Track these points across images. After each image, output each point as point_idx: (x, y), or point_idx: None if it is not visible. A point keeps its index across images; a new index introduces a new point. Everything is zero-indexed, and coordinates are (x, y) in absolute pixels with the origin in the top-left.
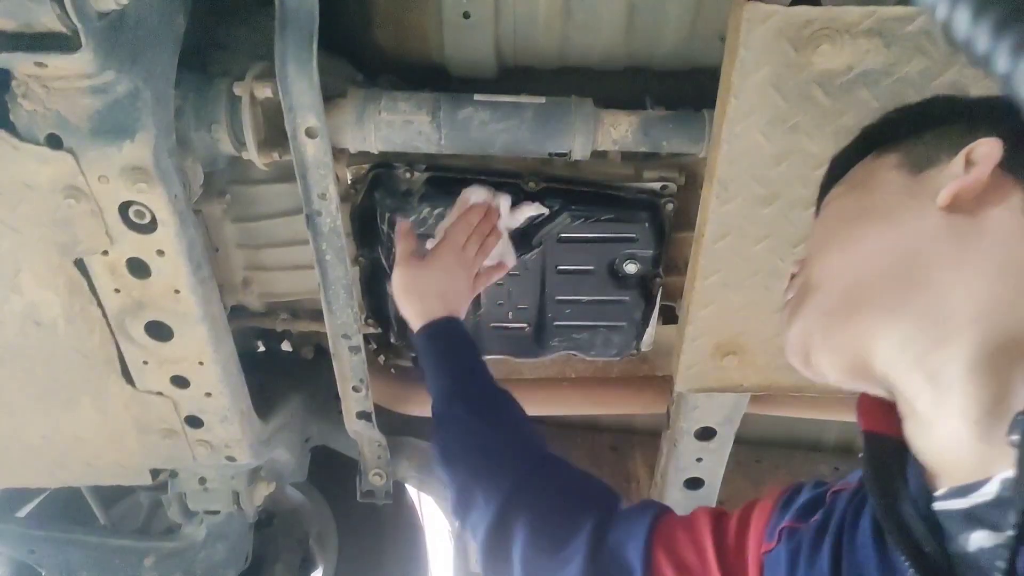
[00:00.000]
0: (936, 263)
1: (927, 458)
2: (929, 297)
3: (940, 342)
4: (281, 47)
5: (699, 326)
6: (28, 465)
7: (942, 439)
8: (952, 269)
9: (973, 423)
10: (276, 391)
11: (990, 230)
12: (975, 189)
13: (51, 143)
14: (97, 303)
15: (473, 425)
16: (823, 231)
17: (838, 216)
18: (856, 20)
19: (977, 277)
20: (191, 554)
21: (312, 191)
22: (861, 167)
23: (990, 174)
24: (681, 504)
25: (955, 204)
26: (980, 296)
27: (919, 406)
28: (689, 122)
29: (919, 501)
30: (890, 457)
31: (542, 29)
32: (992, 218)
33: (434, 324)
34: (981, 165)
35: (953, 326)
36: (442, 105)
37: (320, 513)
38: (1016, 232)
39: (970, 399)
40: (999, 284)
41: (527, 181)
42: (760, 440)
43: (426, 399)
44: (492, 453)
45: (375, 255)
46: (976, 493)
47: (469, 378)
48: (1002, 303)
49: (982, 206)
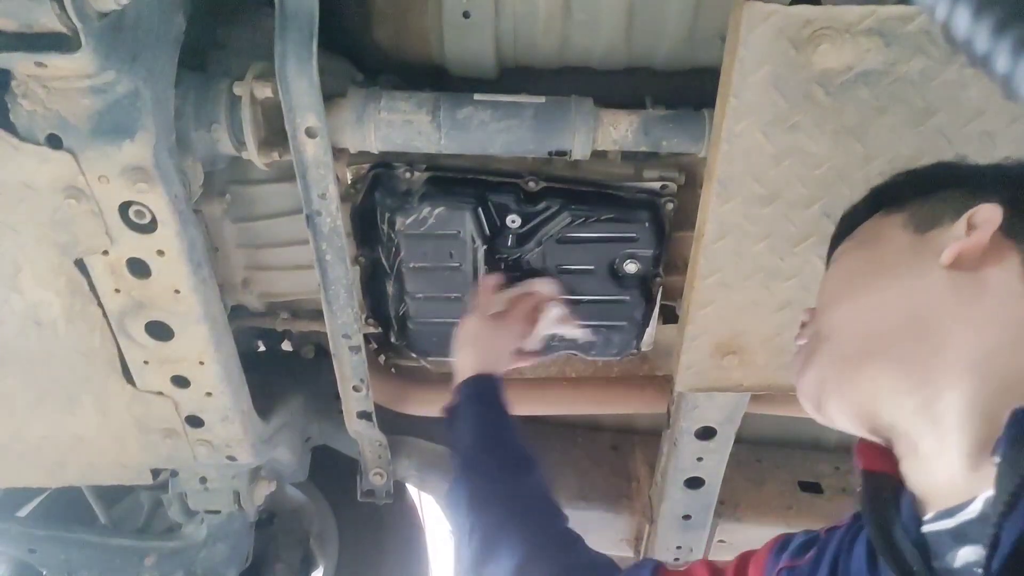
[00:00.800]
0: (938, 317)
1: (921, 489)
2: (933, 348)
3: (943, 389)
4: (281, 47)
5: (699, 326)
6: (29, 465)
7: (937, 472)
8: (953, 323)
9: (966, 457)
10: (277, 391)
11: (989, 288)
12: (976, 251)
13: (51, 143)
14: (97, 303)
15: (503, 476)
16: (833, 284)
17: (848, 270)
18: (856, 20)
19: (976, 330)
20: (192, 553)
21: (312, 191)
22: (869, 224)
23: (990, 237)
24: (682, 503)
25: (957, 263)
26: (979, 348)
27: (922, 447)
28: (689, 122)
29: (910, 526)
30: (885, 491)
31: (542, 29)
32: (991, 277)
33: (484, 377)
34: (982, 229)
35: (954, 374)
36: (442, 105)
37: (321, 513)
38: (1013, 291)
39: (967, 437)
40: (996, 337)
41: (527, 181)
42: (760, 440)
43: (425, 399)
44: (516, 511)
45: (375, 255)
46: (962, 512)
47: (506, 435)
48: (999, 354)
49: (982, 266)
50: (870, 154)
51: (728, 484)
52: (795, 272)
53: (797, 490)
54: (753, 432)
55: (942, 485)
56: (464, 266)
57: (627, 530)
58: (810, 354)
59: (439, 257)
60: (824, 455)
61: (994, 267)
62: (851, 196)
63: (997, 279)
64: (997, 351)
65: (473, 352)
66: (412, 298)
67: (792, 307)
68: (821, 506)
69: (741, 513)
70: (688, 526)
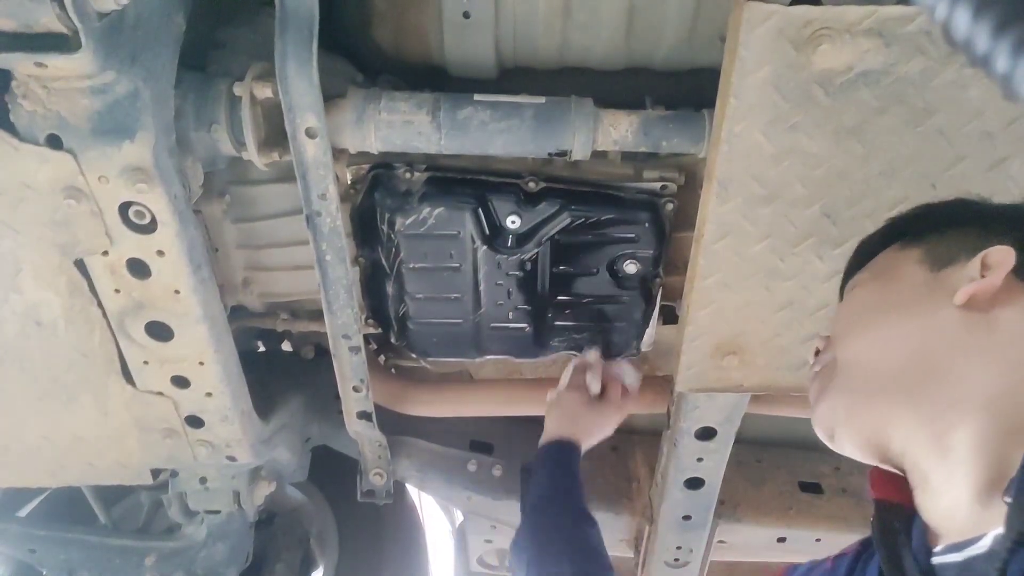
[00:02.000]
0: (950, 355)
1: (932, 520)
2: (944, 384)
3: (953, 425)
4: (281, 47)
5: (699, 326)
6: (29, 465)
7: (948, 505)
8: (965, 361)
9: (976, 492)
10: (276, 391)
11: (1000, 328)
12: (988, 292)
13: (51, 143)
14: (97, 303)
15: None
16: (848, 314)
17: (863, 303)
18: (856, 20)
19: (987, 369)
20: (192, 553)
21: (312, 191)
22: (885, 256)
23: (1003, 279)
24: (682, 503)
25: (970, 304)
26: (989, 386)
27: (933, 480)
28: (689, 122)
29: (920, 556)
30: (897, 520)
31: (542, 29)
32: (1003, 318)
33: (568, 444)
34: (995, 271)
35: (964, 411)
36: (442, 105)
37: (321, 513)
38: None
39: (977, 473)
40: (1006, 376)
41: (527, 181)
42: (760, 440)
43: (426, 399)
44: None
45: (375, 255)
46: (971, 547)
47: (575, 493)
48: (1009, 394)
49: (994, 307)
50: (870, 154)
51: (728, 484)
52: (795, 272)
53: (797, 490)
54: (753, 432)
55: (952, 519)
56: (464, 266)
57: (627, 530)
58: (824, 385)
59: (439, 257)
60: (824, 455)
61: (1005, 308)
62: (851, 196)
63: (1008, 320)
64: (1007, 391)
65: (568, 423)
66: (412, 298)
67: (792, 307)
68: (821, 506)
69: (741, 513)
70: (688, 526)
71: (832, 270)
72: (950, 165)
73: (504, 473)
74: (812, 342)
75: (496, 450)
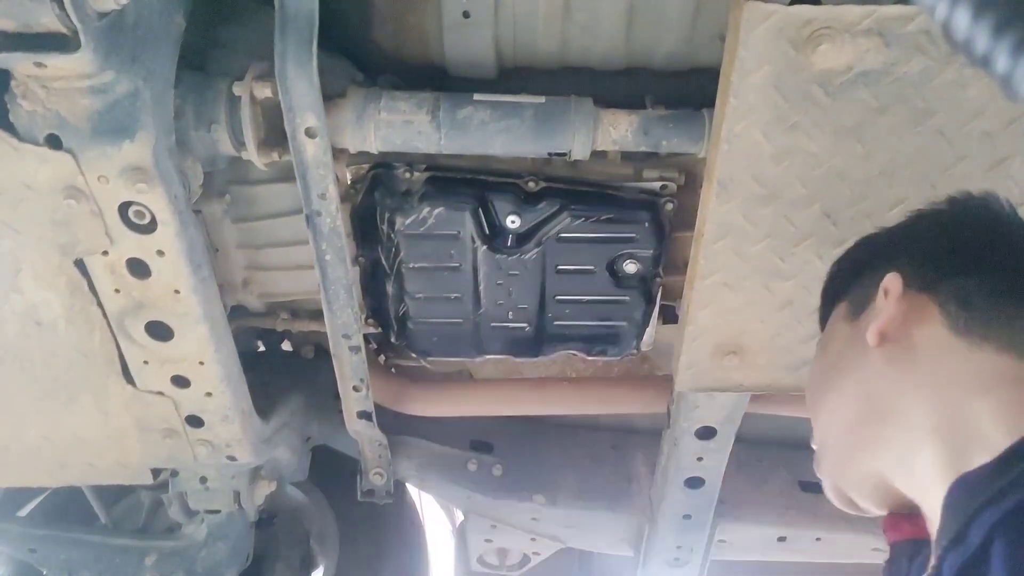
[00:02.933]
0: (885, 396)
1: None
2: (892, 425)
3: (914, 458)
4: (281, 47)
5: (699, 326)
6: (29, 465)
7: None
8: (899, 397)
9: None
10: (277, 391)
11: (920, 351)
12: (894, 320)
13: (51, 143)
14: (97, 303)
15: None
16: (809, 397)
17: (814, 382)
18: (856, 20)
19: (921, 396)
20: (192, 553)
21: (312, 191)
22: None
23: (902, 301)
24: (682, 503)
25: (885, 338)
26: (930, 412)
27: (924, 510)
28: (689, 122)
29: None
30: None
31: (542, 29)
32: (918, 339)
33: None
34: (889, 299)
35: (919, 441)
36: (442, 105)
37: (321, 512)
38: (942, 344)
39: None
40: (941, 396)
41: (527, 181)
42: (760, 440)
43: (425, 399)
44: None
45: (375, 255)
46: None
47: None
48: (951, 411)
49: (907, 331)
50: (870, 154)
51: (728, 484)
52: (795, 272)
53: (797, 490)
54: (753, 432)
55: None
56: (464, 266)
57: (627, 530)
58: (818, 467)
59: (439, 257)
60: None
61: (917, 327)
62: (851, 196)
63: (925, 339)
64: (948, 408)
65: None
66: (412, 298)
67: (792, 307)
68: (821, 506)
69: (741, 513)
70: (688, 526)
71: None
72: (950, 165)
73: (504, 473)
74: (813, 342)
75: (496, 450)
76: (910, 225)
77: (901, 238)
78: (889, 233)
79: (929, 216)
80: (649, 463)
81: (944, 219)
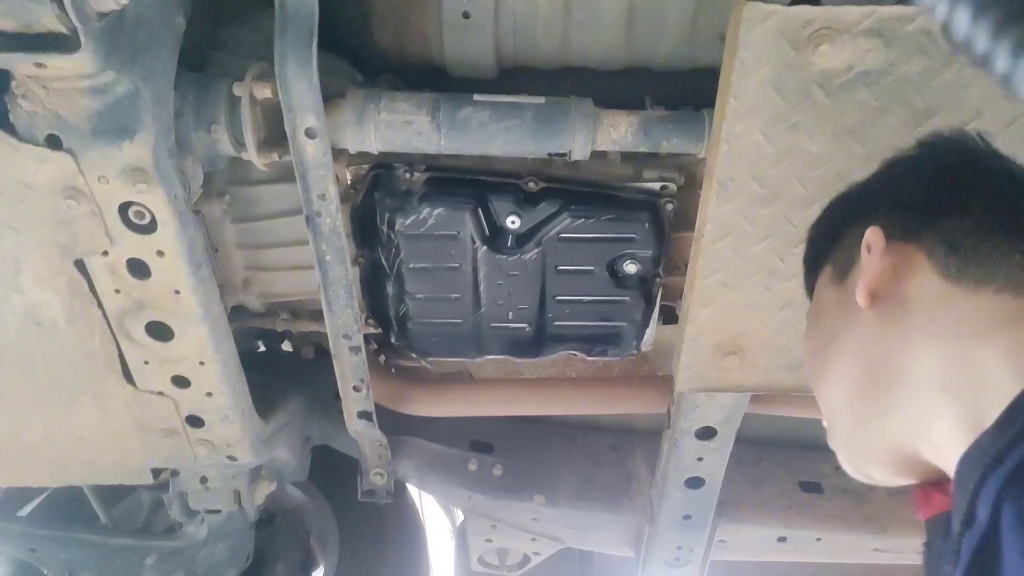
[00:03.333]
0: (888, 356)
1: None
2: (902, 385)
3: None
4: (281, 47)
5: (699, 326)
6: (29, 464)
7: None
8: (902, 354)
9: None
10: (277, 391)
11: (914, 303)
12: (882, 276)
13: (51, 143)
14: (97, 303)
15: None
16: (808, 371)
17: (810, 354)
18: (856, 20)
19: (925, 353)
20: (192, 553)
21: (312, 191)
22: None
23: (886, 254)
24: (682, 503)
25: (875, 297)
26: (935, 367)
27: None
28: (689, 122)
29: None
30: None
31: (542, 29)
32: (911, 291)
33: None
34: (873, 255)
35: (930, 403)
36: (442, 105)
37: (321, 512)
38: (934, 293)
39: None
40: (944, 349)
41: (527, 181)
42: (760, 440)
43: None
44: None
45: (375, 255)
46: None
47: None
48: (956, 364)
49: (897, 285)
50: (870, 154)
51: (728, 484)
52: (795, 272)
53: (798, 490)
54: (753, 432)
55: None
56: (464, 267)
57: (627, 530)
58: (830, 442)
59: (439, 258)
60: (824, 455)
61: (908, 280)
62: None
63: (917, 290)
64: (953, 361)
65: None
66: (412, 298)
67: (792, 307)
68: (821, 506)
69: (741, 513)
70: (688, 526)
71: None
72: None
73: (504, 473)
74: None
75: (496, 450)
76: (884, 175)
77: (876, 190)
78: (862, 187)
79: (903, 163)
80: (649, 463)
81: (919, 163)
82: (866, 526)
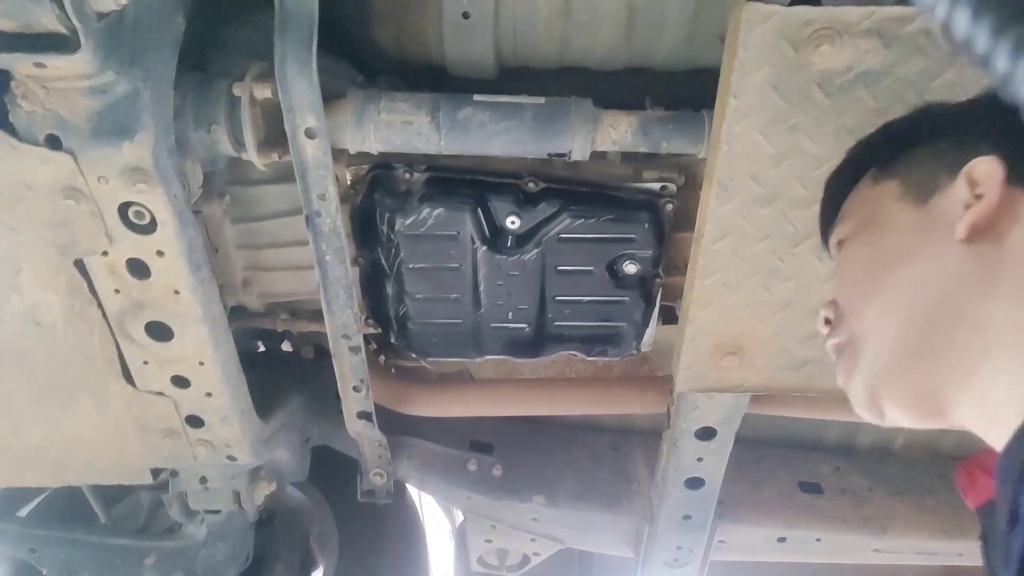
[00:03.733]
0: (968, 299)
1: None
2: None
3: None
4: (281, 47)
5: (699, 326)
6: (29, 465)
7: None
8: (988, 302)
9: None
10: (276, 391)
11: (1012, 250)
12: (988, 215)
13: (51, 144)
14: (97, 303)
15: None
16: (852, 279)
17: (860, 263)
18: (856, 20)
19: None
20: (192, 553)
21: (312, 192)
22: (860, 196)
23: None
24: (682, 503)
25: (973, 234)
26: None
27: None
28: (689, 122)
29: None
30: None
31: (542, 29)
32: (1012, 238)
33: None
34: (988, 190)
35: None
36: (442, 105)
37: (321, 512)
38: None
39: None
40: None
41: (526, 182)
42: (760, 440)
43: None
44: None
45: (375, 256)
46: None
47: None
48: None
49: (999, 228)
50: None
51: (728, 484)
52: (795, 272)
53: (797, 490)
54: (753, 432)
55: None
56: (464, 267)
57: (627, 530)
58: (851, 367)
59: (439, 258)
60: (824, 455)
61: (1012, 225)
62: None
63: (1018, 238)
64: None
65: None
66: (412, 299)
67: (792, 307)
68: (821, 506)
69: (741, 513)
70: (688, 526)
71: (832, 270)
72: None
73: (504, 473)
74: (813, 342)
75: (496, 450)
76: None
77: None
78: (964, 106)
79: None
80: (649, 464)
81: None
82: (866, 526)
